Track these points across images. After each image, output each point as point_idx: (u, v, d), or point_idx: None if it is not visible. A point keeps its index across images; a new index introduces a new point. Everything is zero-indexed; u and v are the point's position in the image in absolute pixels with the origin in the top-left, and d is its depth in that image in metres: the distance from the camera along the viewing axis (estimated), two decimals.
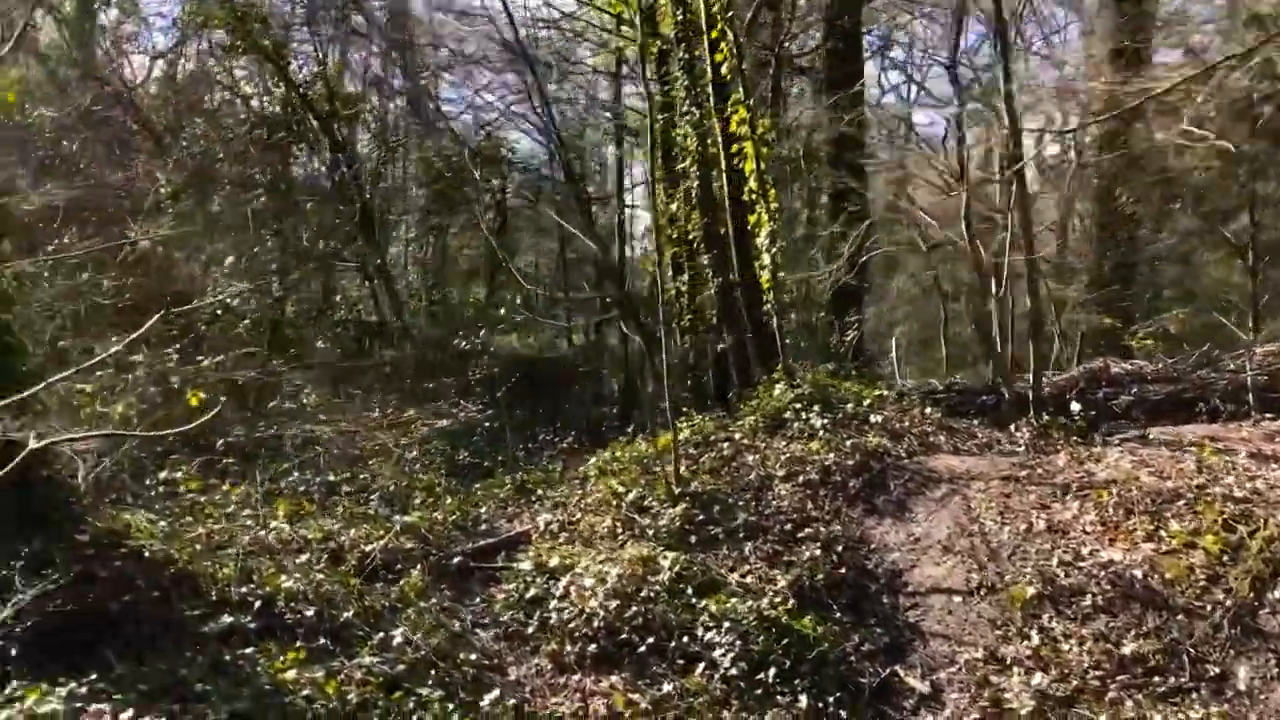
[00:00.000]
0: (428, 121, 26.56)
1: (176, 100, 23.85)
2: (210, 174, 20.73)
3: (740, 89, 12.87)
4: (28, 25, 14.40)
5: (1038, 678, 7.75)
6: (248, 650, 7.92)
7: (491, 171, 25.17)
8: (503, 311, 23.45)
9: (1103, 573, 8.67)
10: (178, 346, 12.17)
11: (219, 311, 15.64)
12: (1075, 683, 7.68)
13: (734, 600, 8.78)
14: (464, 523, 12.11)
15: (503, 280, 25.84)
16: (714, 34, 13.06)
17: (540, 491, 13.17)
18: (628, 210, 28.42)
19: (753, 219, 13.21)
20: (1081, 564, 8.88)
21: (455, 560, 10.73)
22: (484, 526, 12.24)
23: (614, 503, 11.19)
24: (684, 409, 14.64)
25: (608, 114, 25.94)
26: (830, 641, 8.40)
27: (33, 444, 6.21)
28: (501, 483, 14.17)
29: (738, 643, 8.24)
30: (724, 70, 13.25)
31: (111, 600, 8.06)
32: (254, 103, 23.67)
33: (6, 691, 7.09)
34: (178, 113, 23.22)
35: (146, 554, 8.63)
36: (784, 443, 12.01)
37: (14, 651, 7.58)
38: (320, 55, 23.18)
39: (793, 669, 8.05)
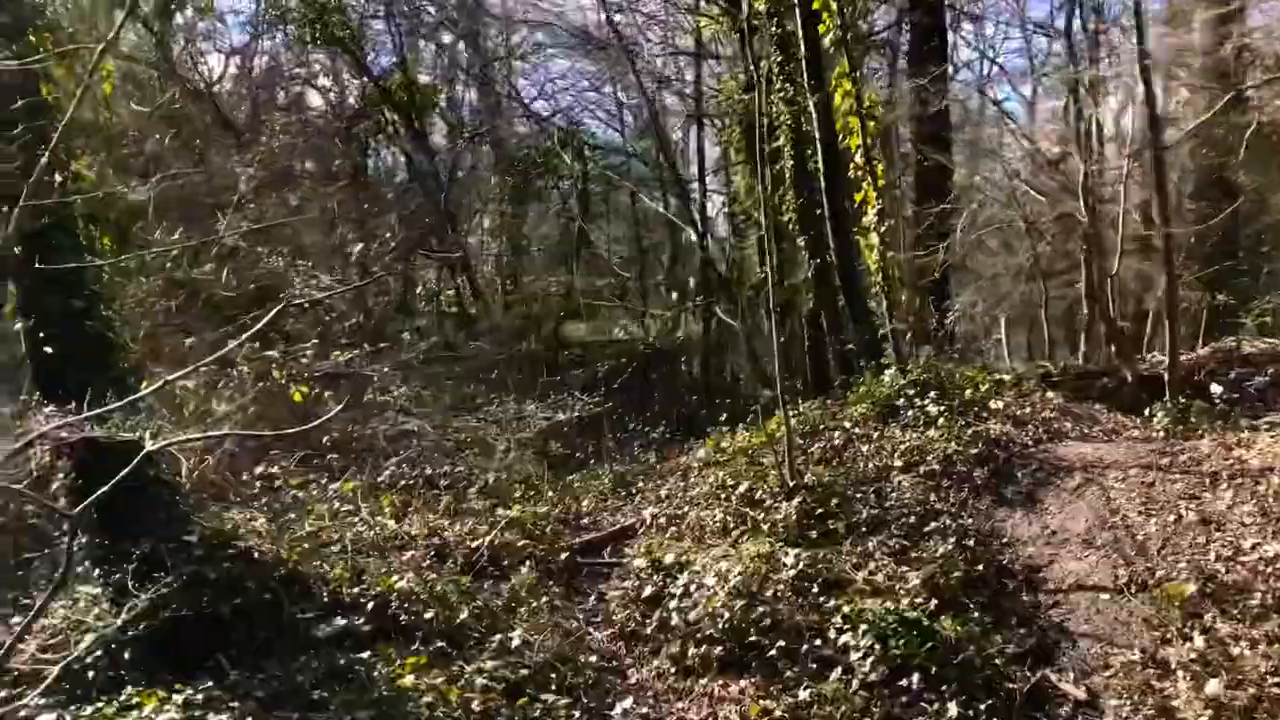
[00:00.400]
0: (502, 110, 26.33)
1: (254, 95, 23.86)
2: (290, 168, 20.64)
3: (845, 61, 12.28)
4: (125, 21, 14.29)
5: (1210, 684, 7.12)
6: (364, 654, 7.62)
7: (575, 158, 24.87)
8: (588, 299, 23.14)
9: (1269, 569, 8.00)
10: (295, 345, 11.99)
11: (306, 305, 15.45)
12: (1252, 690, 7.02)
13: (870, 600, 8.27)
14: (566, 516, 11.79)
15: (582, 269, 25.58)
16: (816, 4, 12.48)
17: (640, 484, 12.79)
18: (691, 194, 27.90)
19: (859, 196, 12.65)
20: (1244, 559, 8.22)
21: (562, 556, 10.38)
22: (586, 520, 11.91)
23: (723, 496, 10.74)
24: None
25: (688, 96, 25.46)
26: (974, 644, 7.83)
27: (149, 445, 5.95)
28: (597, 474, 13.82)
29: (876, 646, 7.71)
30: (828, 42, 12.69)
31: (222, 603, 7.82)
32: (331, 95, 23.64)
33: (122, 698, 6.88)
34: (255, 107, 23.21)
35: (256, 555, 8.38)
36: (898, 431, 11.47)
37: (128, 655, 7.39)
38: (398, 45, 23.01)
39: (938, 674, 7.49)
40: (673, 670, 8.24)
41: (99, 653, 7.28)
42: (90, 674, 7.20)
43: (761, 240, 20.17)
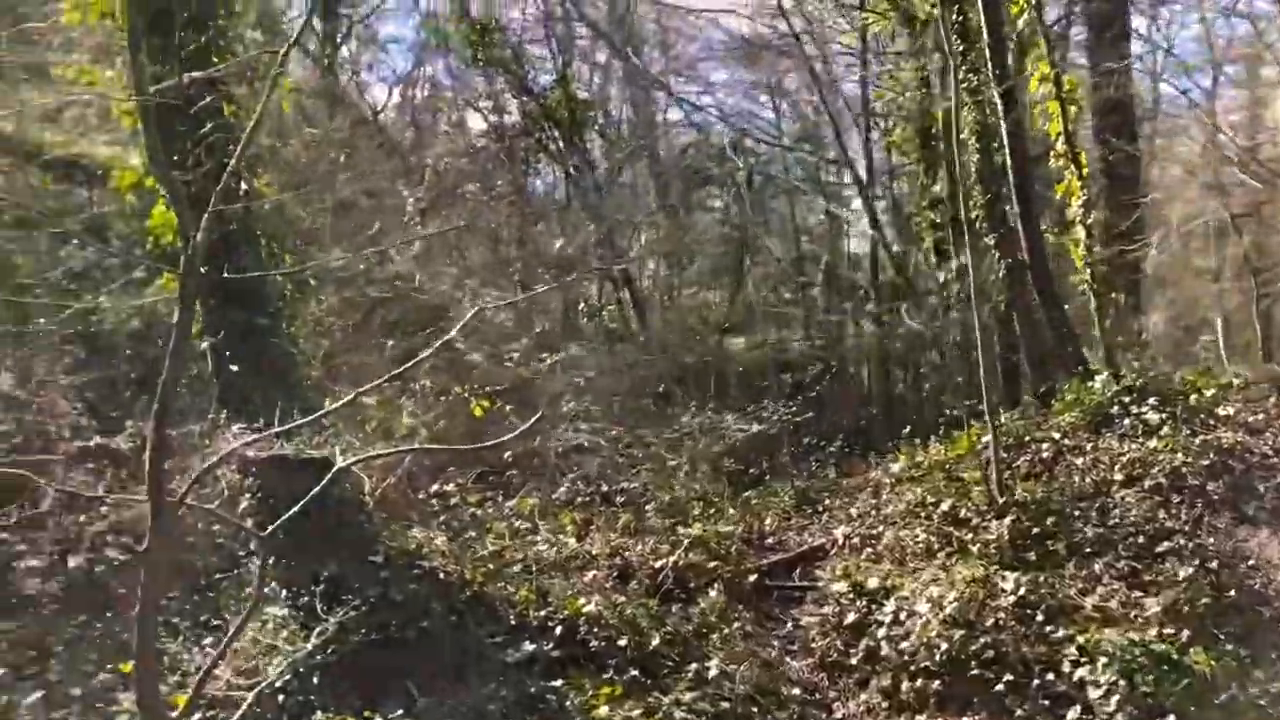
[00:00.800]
0: (660, 123, 26.21)
1: (417, 119, 24.30)
2: (455, 189, 20.80)
3: (1043, 44, 11.34)
4: (302, 34, 14.58)
5: None
6: (555, 682, 7.24)
7: (742, 165, 24.48)
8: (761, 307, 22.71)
9: None
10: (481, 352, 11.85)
11: (479, 324, 15.36)
12: None
13: (1105, 630, 7.39)
14: (748, 535, 11.20)
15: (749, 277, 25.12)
16: None
17: (825, 501, 12.08)
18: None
19: (1060, 189, 11.66)
20: None
21: (750, 578, 9.79)
22: (770, 540, 11.29)
23: (923, 514, 9.95)
24: (974, 406, 13.17)
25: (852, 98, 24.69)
26: (1236, 682, 6.87)
27: (340, 462, 5.67)
28: (775, 491, 13.15)
29: (1120, 682, 6.86)
30: (1020, 24, 11.79)
31: (409, 626, 7.59)
32: (492, 116, 23.84)
33: None
34: (419, 132, 23.60)
35: (440, 576, 8.12)
36: (1115, 441, 10.44)
37: (315, 680, 7.19)
38: (559, 62, 23.07)
39: (1197, 717, 6.59)
40: (884, 705, 7.59)
41: (289, 677, 7.11)
42: (280, 698, 7.03)
43: (939, 243, 19.20)
